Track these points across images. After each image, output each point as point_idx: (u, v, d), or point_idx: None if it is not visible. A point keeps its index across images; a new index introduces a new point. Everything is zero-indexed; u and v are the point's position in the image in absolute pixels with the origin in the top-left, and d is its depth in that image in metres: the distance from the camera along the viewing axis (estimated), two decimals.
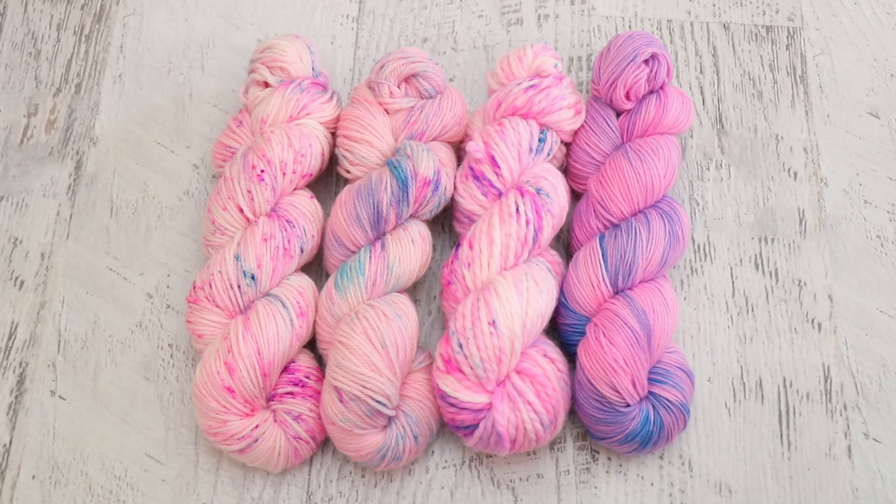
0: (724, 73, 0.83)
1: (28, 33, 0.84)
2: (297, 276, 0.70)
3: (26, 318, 0.74)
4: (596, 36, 0.84)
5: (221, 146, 0.75)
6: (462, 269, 0.67)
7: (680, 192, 0.78)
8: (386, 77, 0.73)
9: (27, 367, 0.72)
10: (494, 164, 0.70)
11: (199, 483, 0.69)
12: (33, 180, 0.78)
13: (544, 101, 0.72)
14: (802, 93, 0.82)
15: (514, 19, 0.85)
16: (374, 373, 0.63)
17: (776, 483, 0.69)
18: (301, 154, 0.71)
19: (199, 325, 0.68)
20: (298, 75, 0.74)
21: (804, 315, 0.74)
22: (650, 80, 0.74)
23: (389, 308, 0.66)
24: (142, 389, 0.72)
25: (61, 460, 0.69)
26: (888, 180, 0.79)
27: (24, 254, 0.76)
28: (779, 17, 0.85)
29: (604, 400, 0.65)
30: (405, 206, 0.69)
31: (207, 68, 0.83)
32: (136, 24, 0.85)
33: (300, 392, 0.67)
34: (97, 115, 0.81)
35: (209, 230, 0.71)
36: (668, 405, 0.66)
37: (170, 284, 0.75)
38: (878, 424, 0.71)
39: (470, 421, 0.64)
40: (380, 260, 0.68)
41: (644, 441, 0.65)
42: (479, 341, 0.64)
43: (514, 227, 0.67)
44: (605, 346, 0.65)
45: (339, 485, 0.69)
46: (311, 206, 0.72)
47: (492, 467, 0.69)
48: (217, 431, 0.65)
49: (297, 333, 0.67)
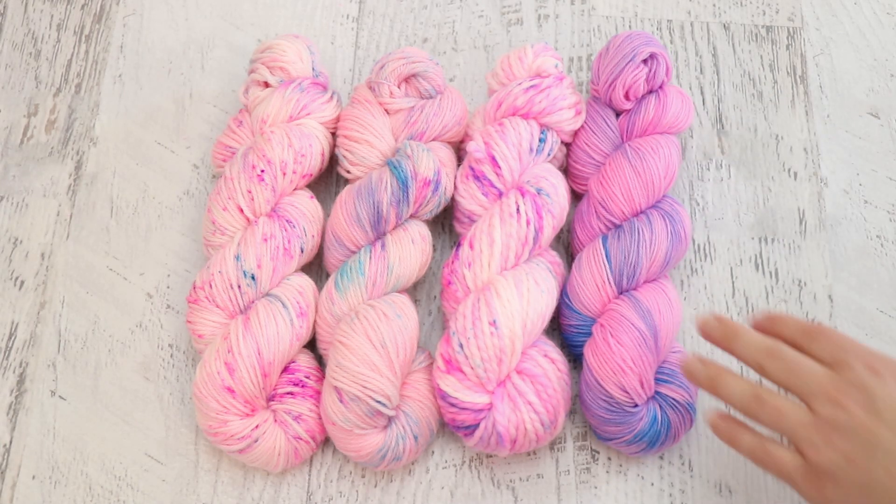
0: (724, 74, 0.83)
1: (28, 33, 0.84)
2: (297, 276, 0.70)
3: (26, 318, 0.74)
4: (596, 36, 0.84)
5: (221, 146, 0.75)
6: (462, 269, 0.67)
7: (680, 192, 0.78)
8: (386, 77, 0.73)
9: (27, 367, 0.72)
10: (495, 164, 0.70)
11: (199, 483, 0.69)
12: (33, 180, 0.78)
13: (545, 101, 0.72)
14: (802, 93, 0.82)
15: (514, 19, 0.85)
16: (375, 373, 0.63)
17: (776, 483, 0.69)
18: (301, 154, 0.71)
19: (199, 325, 0.68)
20: (298, 75, 0.74)
21: (804, 315, 0.74)
22: (649, 79, 0.74)
23: (389, 308, 0.66)
24: (142, 389, 0.72)
25: (61, 460, 0.69)
26: (888, 180, 0.79)
27: (24, 254, 0.76)
28: (779, 17, 0.85)
29: (612, 400, 0.65)
30: (405, 206, 0.69)
31: (207, 68, 0.83)
32: (136, 24, 0.85)
33: (300, 392, 0.67)
34: (97, 115, 0.81)
35: (209, 230, 0.71)
36: (675, 404, 0.66)
37: (170, 284, 0.75)
38: None
39: (470, 421, 0.64)
40: (380, 260, 0.68)
41: (652, 441, 0.66)
42: (479, 341, 0.64)
43: (515, 228, 0.67)
44: (613, 347, 0.65)
45: (339, 485, 0.69)
46: (311, 206, 0.72)
47: (492, 467, 0.69)
48: (217, 431, 0.65)
49: (297, 333, 0.67)
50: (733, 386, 0.57)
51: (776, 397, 0.55)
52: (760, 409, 0.55)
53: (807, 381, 0.54)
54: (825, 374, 0.54)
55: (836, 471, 0.52)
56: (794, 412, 0.54)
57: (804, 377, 0.54)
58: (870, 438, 0.51)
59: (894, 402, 0.51)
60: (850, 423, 0.52)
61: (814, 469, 0.53)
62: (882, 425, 0.51)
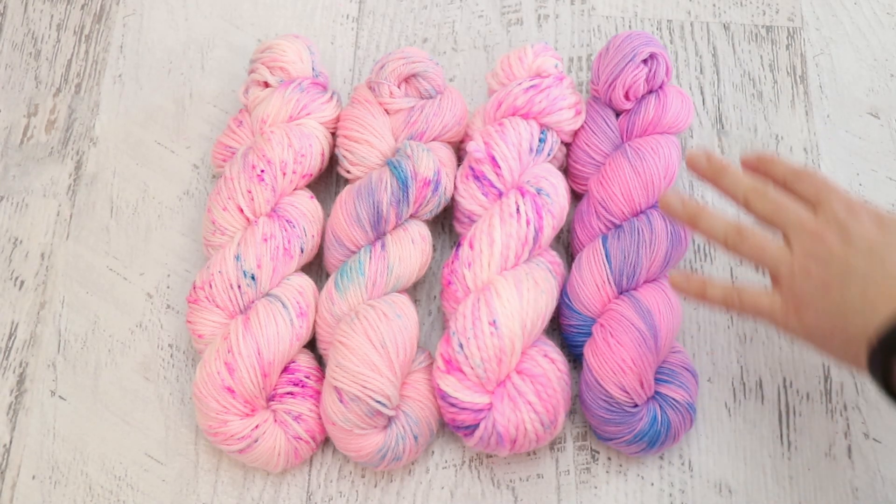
0: (724, 74, 0.83)
1: (28, 33, 0.84)
2: (297, 276, 0.70)
3: (26, 318, 0.74)
4: (596, 36, 0.84)
5: (221, 146, 0.75)
6: (462, 269, 0.67)
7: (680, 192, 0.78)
8: (386, 77, 0.73)
9: (27, 367, 0.72)
10: (495, 164, 0.70)
11: (199, 483, 0.69)
12: (33, 180, 0.78)
13: (545, 101, 0.72)
14: (802, 93, 0.82)
15: (514, 19, 0.85)
16: (374, 373, 0.63)
17: (776, 483, 0.69)
18: (301, 154, 0.71)
19: (200, 325, 0.68)
20: (298, 75, 0.74)
21: None
22: (649, 79, 0.74)
23: (389, 308, 0.66)
24: (142, 389, 0.72)
25: (61, 460, 0.69)
26: (888, 180, 0.79)
27: (24, 254, 0.76)
28: (779, 17, 0.85)
29: (612, 400, 0.65)
30: (405, 206, 0.69)
31: (207, 68, 0.83)
32: (136, 24, 0.85)
33: (300, 392, 0.67)
34: (97, 115, 0.81)
35: (209, 230, 0.71)
36: (675, 405, 0.66)
37: (170, 284, 0.75)
38: (878, 424, 0.71)
39: (470, 421, 0.64)
40: (380, 260, 0.68)
41: (652, 441, 0.66)
42: (479, 341, 0.64)
43: (515, 228, 0.67)
44: (613, 347, 0.65)
45: (339, 485, 0.69)
46: (311, 206, 0.72)
47: (492, 467, 0.69)
48: (217, 431, 0.65)
49: (297, 333, 0.67)
50: (714, 220, 0.60)
51: (757, 231, 0.59)
52: (742, 241, 0.58)
53: (789, 216, 0.58)
54: (807, 212, 0.57)
55: (813, 298, 0.55)
56: (775, 245, 0.58)
57: (787, 212, 0.58)
58: (844, 266, 0.54)
59: (867, 235, 0.55)
60: (827, 253, 0.55)
61: (793, 300, 0.56)
62: (856, 254, 0.54)
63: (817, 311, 0.55)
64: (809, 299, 0.56)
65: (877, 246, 0.54)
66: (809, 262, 0.56)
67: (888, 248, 0.54)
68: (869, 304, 0.53)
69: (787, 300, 0.57)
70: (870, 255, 0.54)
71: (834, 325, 0.55)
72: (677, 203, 0.61)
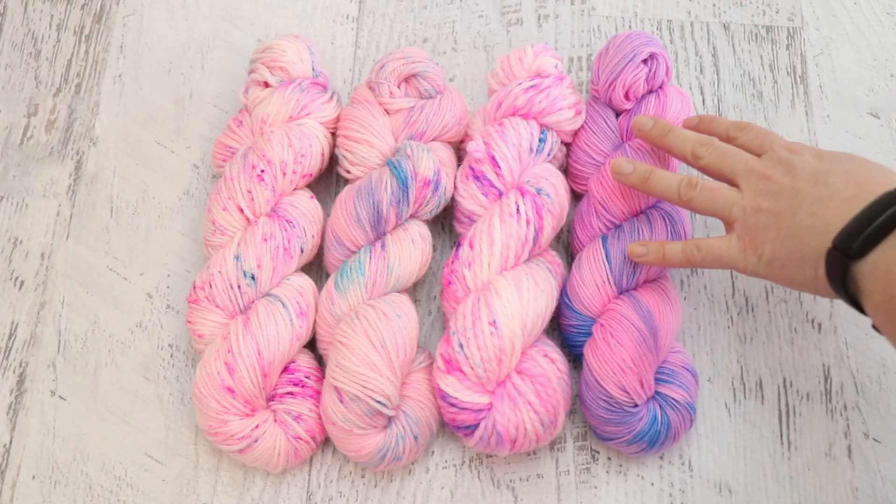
0: (724, 73, 0.83)
1: (28, 33, 0.84)
2: (297, 276, 0.70)
3: (26, 318, 0.74)
4: (596, 36, 0.84)
5: (221, 146, 0.75)
6: (462, 269, 0.67)
7: None
8: (386, 77, 0.73)
9: (27, 367, 0.72)
10: (495, 164, 0.70)
11: (199, 483, 0.69)
12: (33, 180, 0.78)
13: (545, 101, 0.72)
14: (802, 93, 0.82)
15: (514, 19, 0.85)
16: (374, 373, 0.63)
17: (776, 483, 0.69)
18: (301, 154, 0.71)
19: (199, 325, 0.68)
20: (298, 75, 0.74)
21: (804, 315, 0.74)
22: (649, 79, 0.74)
23: (389, 308, 0.66)
24: (142, 389, 0.72)
25: (61, 460, 0.69)
26: None
27: (24, 254, 0.76)
28: (779, 17, 0.85)
29: (612, 400, 0.65)
30: (405, 206, 0.69)
31: (207, 68, 0.83)
32: (136, 24, 0.85)
33: (300, 392, 0.67)
34: (97, 115, 0.81)
35: (209, 230, 0.71)
36: (675, 404, 0.66)
37: (170, 284, 0.75)
38: (878, 424, 0.71)
39: (470, 421, 0.64)
40: (380, 260, 0.68)
41: (652, 441, 0.66)
42: (479, 341, 0.64)
43: (515, 228, 0.67)
44: (613, 347, 0.65)
45: (339, 485, 0.69)
46: (311, 206, 0.72)
47: (492, 467, 0.69)
48: (217, 431, 0.65)
49: (297, 333, 0.67)
50: (665, 176, 0.65)
51: (707, 179, 0.63)
52: (693, 191, 0.63)
53: (736, 162, 0.63)
54: (753, 157, 0.62)
55: (767, 230, 0.59)
56: (726, 189, 0.62)
57: (734, 158, 0.63)
58: (792, 193, 0.59)
59: (810, 167, 0.60)
60: (775, 187, 0.60)
61: (748, 237, 0.60)
62: (801, 182, 0.59)
63: (773, 241, 0.59)
64: (764, 231, 0.59)
65: (820, 172, 0.59)
66: (759, 199, 0.60)
67: (830, 173, 0.59)
68: (820, 221, 0.57)
69: (742, 238, 0.61)
70: (814, 180, 0.59)
71: (790, 250, 0.58)
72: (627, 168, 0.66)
